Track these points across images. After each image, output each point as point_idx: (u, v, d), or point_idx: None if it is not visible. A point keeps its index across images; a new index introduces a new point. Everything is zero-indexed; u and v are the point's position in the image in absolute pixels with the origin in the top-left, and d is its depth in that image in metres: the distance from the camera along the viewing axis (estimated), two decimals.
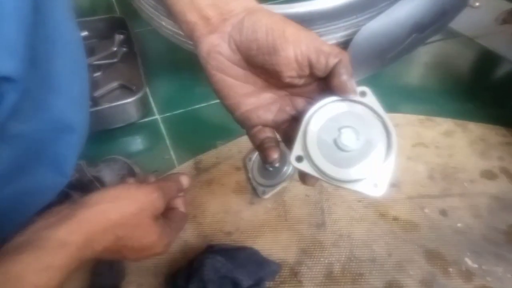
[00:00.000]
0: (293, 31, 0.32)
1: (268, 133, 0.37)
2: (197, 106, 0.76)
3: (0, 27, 0.33)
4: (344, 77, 0.32)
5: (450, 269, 0.50)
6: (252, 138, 0.37)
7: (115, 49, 0.85)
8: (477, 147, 0.65)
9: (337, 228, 0.54)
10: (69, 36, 0.44)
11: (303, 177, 0.35)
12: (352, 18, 0.58)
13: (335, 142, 0.33)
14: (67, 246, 0.31)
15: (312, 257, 0.51)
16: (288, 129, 0.36)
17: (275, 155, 0.35)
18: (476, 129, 0.68)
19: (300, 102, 0.36)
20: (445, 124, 0.69)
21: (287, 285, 0.49)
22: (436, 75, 0.84)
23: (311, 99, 0.35)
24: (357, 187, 0.32)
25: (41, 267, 0.29)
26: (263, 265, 0.46)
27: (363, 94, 0.33)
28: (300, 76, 0.34)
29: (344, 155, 0.32)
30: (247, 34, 0.33)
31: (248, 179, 0.61)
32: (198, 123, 0.74)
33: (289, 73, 0.33)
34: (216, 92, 0.36)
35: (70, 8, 0.44)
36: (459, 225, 0.55)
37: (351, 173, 0.32)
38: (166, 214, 0.42)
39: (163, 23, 0.67)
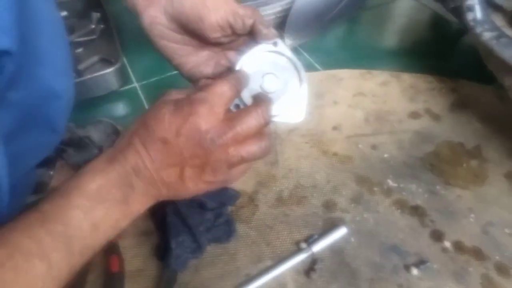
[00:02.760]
0: (212, 1, 0.42)
1: None
2: (170, 74, 0.87)
3: None
4: (264, 30, 0.42)
5: (375, 189, 0.63)
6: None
7: (93, 26, 0.93)
8: (407, 93, 0.77)
9: (287, 164, 0.67)
10: (50, 16, 0.52)
11: None
12: None
13: (261, 87, 0.43)
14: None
15: (266, 187, 0.64)
16: None
17: None
18: (408, 78, 0.80)
19: (232, 54, 0.47)
20: (382, 75, 0.80)
21: (245, 208, 0.61)
22: (380, 34, 0.95)
23: (240, 51, 0.45)
24: (281, 118, 0.43)
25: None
26: (223, 191, 0.58)
27: (275, 44, 0.43)
28: (224, 36, 0.44)
29: (270, 96, 0.42)
30: (177, 8, 0.43)
31: None
32: (173, 88, 0.84)
33: (215, 35, 0.43)
34: (163, 55, 0.46)
35: None
36: (385, 155, 0.67)
37: (275, 108, 0.42)
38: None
39: None
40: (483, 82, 0.77)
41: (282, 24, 0.77)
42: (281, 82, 0.43)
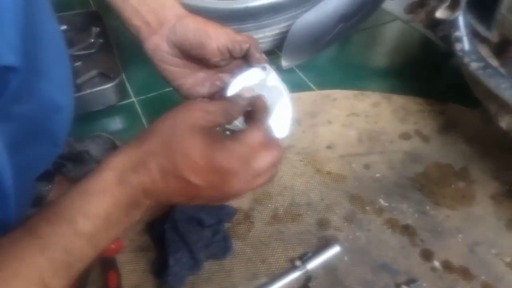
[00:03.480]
0: (213, 29, 0.46)
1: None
2: (168, 89, 0.88)
3: (5, 29, 0.44)
4: (257, 54, 0.47)
5: (367, 208, 0.65)
6: None
7: (92, 40, 0.95)
8: (398, 114, 0.80)
9: (282, 182, 0.68)
10: (52, 32, 0.53)
11: None
12: (291, 12, 0.71)
13: None
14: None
15: (262, 204, 0.65)
16: (220, 98, 0.49)
17: None
18: (398, 100, 0.83)
19: (226, 76, 0.51)
20: (374, 96, 0.83)
21: (242, 225, 0.62)
22: (372, 55, 0.99)
23: (233, 73, 0.50)
24: None
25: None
26: (221, 208, 0.59)
27: (264, 68, 0.47)
28: (223, 60, 0.48)
29: None
30: (180, 36, 0.47)
31: None
32: (170, 103, 0.82)
33: (215, 59, 0.48)
34: (164, 78, 0.51)
35: (51, 9, 0.54)
36: (377, 175, 0.69)
37: None
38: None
39: None
40: (469, 103, 0.80)
41: (279, 46, 0.80)
42: (269, 103, 0.46)
